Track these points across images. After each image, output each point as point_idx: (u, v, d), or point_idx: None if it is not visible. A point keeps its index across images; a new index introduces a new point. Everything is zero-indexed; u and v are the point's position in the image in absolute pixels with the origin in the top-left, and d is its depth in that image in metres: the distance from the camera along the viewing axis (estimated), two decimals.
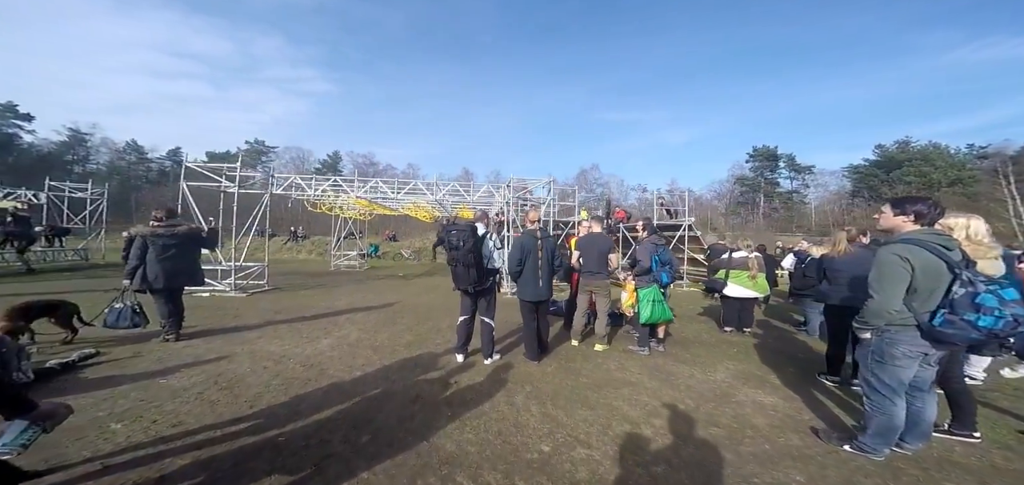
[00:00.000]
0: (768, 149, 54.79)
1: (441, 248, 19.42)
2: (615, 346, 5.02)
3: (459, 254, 3.88)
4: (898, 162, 38.83)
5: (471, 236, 3.88)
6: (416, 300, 8.33)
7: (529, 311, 4.23)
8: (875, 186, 39.50)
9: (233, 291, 8.24)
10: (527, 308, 4.22)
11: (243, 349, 4.50)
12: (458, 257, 3.89)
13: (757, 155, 54.75)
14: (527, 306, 4.21)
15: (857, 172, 43.51)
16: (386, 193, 10.83)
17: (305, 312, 6.70)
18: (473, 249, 3.87)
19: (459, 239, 3.88)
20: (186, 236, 4.54)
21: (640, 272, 4.48)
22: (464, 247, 3.85)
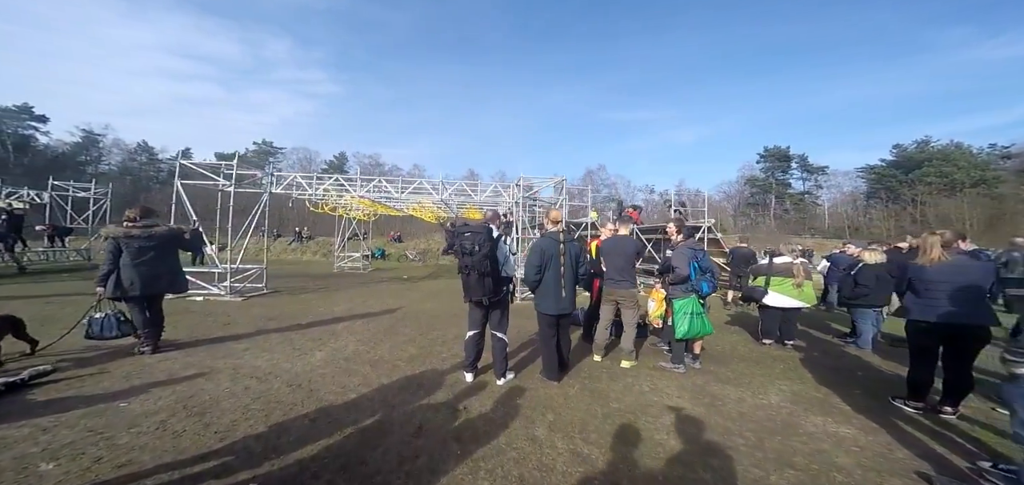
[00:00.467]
0: (780, 149, 53.72)
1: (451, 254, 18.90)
2: (643, 362, 4.43)
3: (473, 260, 3.33)
4: (917, 162, 37.58)
5: (487, 240, 3.35)
6: (420, 306, 7.81)
7: (549, 325, 3.67)
8: (893, 187, 38.27)
9: (229, 295, 7.80)
10: (547, 322, 3.66)
11: (226, 364, 4.00)
12: (472, 264, 3.35)
13: (768, 155, 53.71)
14: (547, 319, 3.65)
15: (873, 173, 42.27)
16: (390, 192, 10.35)
17: (301, 319, 6.20)
18: (489, 255, 3.34)
19: (473, 243, 3.35)
20: (165, 238, 4.05)
21: (676, 280, 3.90)
22: (479, 252, 3.32)
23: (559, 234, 3.62)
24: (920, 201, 34.98)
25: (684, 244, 4.04)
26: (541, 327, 3.71)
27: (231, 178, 8.05)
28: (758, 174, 53.81)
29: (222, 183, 8.19)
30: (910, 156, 39.38)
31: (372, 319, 6.36)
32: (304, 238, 27.93)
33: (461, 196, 11.24)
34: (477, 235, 3.37)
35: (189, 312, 6.37)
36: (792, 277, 4.94)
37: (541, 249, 3.55)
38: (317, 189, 9.91)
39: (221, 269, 7.85)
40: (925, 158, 37.28)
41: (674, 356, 4.11)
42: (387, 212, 15.24)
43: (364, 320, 6.27)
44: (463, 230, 3.47)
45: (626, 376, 4.04)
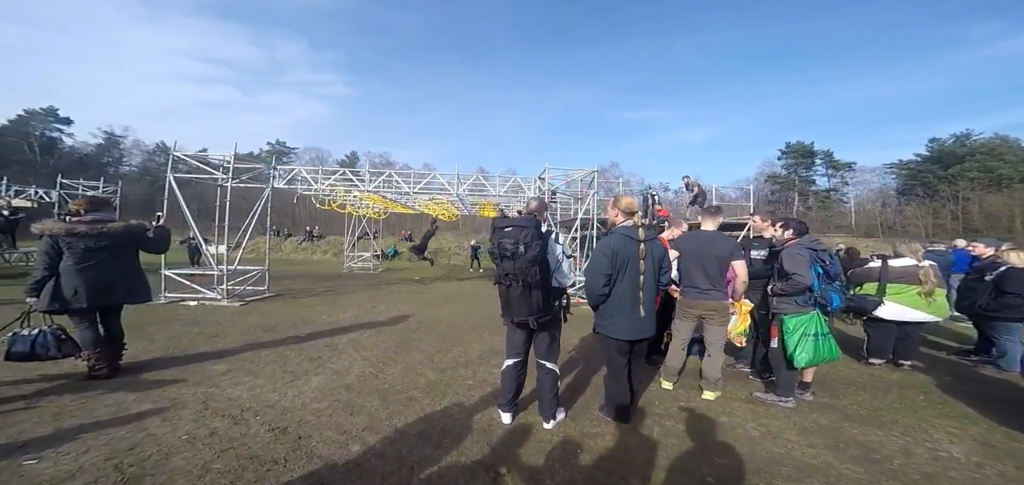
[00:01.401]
0: (802, 145, 51.56)
1: (477, 255, 18.14)
2: (729, 391, 3.42)
3: (517, 265, 2.38)
4: (958, 156, 35.17)
5: (535, 238, 2.40)
6: (435, 312, 6.91)
7: (621, 352, 2.68)
8: (931, 183, 35.94)
9: (226, 300, 7.04)
10: (617, 349, 2.67)
11: (195, 394, 3.14)
12: (515, 271, 2.40)
13: (790, 152, 51.58)
14: (618, 346, 2.66)
15: (907, 169, 39.91)
16: (400, 187, 9.50)
17: (300, 329, 5.36)
18: (537, 258, 2.39)
19: (516, 242, 2.39)
20: (120, 236, 3.20)
21: (794, 291, 2.87)
22: (525, 255, 2.36)
23: (636, 230, 2.55)
24: (962, 197, 32.68)
25: (797, 243, 3.01)
26: (609, 355, 2.72)
27: (229, 172, 7.28)
28: (779, 171, 51.72)
29: (220, 178, 7.45)
30: (949, 150, 36.94)
31: (381, 330, 5.48)
32: (315, 237, 27.48)
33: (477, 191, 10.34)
34: (521, 232, 2.41)
35: (176, 320, 5.60)
36: (917, 284, 3.84)
37: (613, 250, 2.51)
38: (323, 184, 9.12)
39: (218, 271, 7.09)
40: (966, 152, 34.88)
41: (780, 386, 3.10)
42: (398, 210, 14.45)
43: (372, 331, 5.39)
44: (502, 225, 2.51)
45: (716, 412, 3.05)
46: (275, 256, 24.85)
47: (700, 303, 3.14)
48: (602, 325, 2.65)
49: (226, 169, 7.32)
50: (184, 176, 7.85)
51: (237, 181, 8.36)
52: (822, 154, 50.44)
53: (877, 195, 44.61)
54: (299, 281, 11.24)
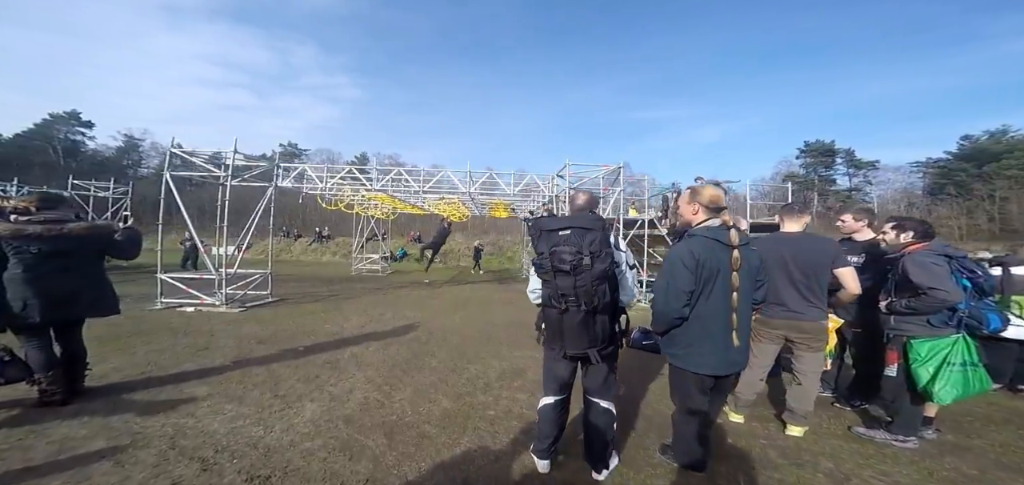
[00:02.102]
0: (822, 144, 49.95)
1: (478, 259, 17.54)
2: (820, 425, 2.75)
3: (580, 283, 1.73)
4: (993, 154, 33.33)
5: (604, 242, 1.77)
6: (446, 321, 6.33)
7: (702, 391, 2.02)
8: (963, 182, 34.13)
9: (224, 305, 6.58)
10: (697, 386, 2.01)
11: (164, 426, 2.60)
12: (577, 291, 1.76)
13: (810, 150, 50.00)
14: (699, 382, 2.00)
15: (937, 167, 38.07)
16: (410, 185, 8.99)
17: (299, 341, 4.83)
18: (608, 273, 1.77)
19: (579, 250, 1.74)
20: (81, 239, 2.69)
21: (928, 309, 2.20)
22: (592, 268, 1.72)
23: (727, 231, 1.86)
24: (1000, 197, 30.89)
25: (924, 249, 2.32)
26: (685, 393, 2.05)
27: (229, 170, 6.84)
28: (798, 170, 50.12)
29: (221, 176, 7.01)
30: (983, 148, 35.07)
31: (388, 342, 4.92)
32: (324, 239, 27.31)
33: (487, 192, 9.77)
34: (585, 236, 1.75)
35: (165, 330, 5.13)
36: None
37: (696, 259, 1.82)
38: (328, 182, 8.66)
39: (216, 275, 6.64)
40: (1004, 149, 33.01)
41: (900, 423, 2.45)
42: (407, 210, 13.98)
43: (378, 344, 4.83)
44: (554, 227, 1.84)
45: (814, 454, 2.42)
46: (285, 258, 24.75)
47: (788, 324, 2.47)
48: (677, 356, 1.98)
49: (226, 166, 6.89)
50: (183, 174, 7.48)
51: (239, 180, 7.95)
52: (843, 152, 48.72)
53: (902, 195, 42.82)
54: (305, 284, 10.81)
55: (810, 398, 2.55)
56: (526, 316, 6.94)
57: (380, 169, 8.73)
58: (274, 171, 7.98)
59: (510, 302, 8.53)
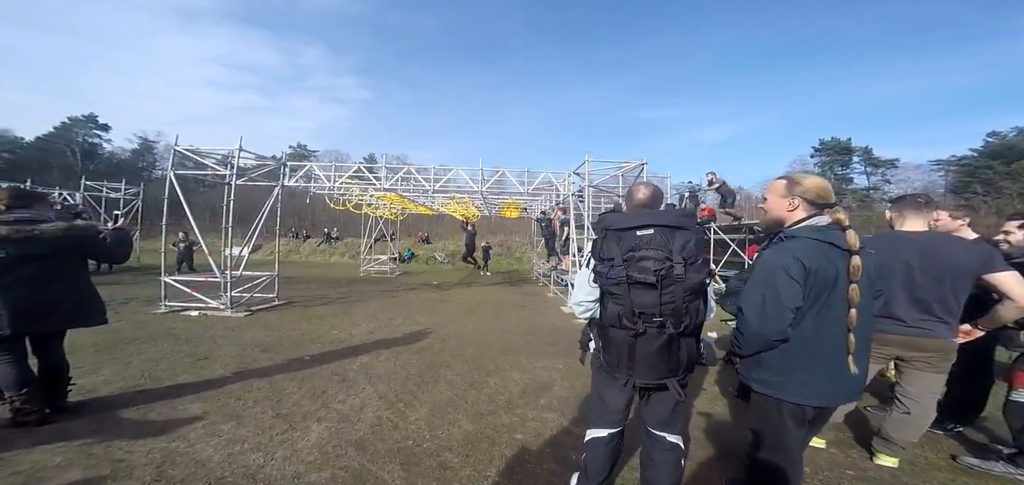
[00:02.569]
0: (838, 142, 48.67)
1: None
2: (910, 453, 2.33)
3: (667, 298, 1.38)
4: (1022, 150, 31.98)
5: (697, 246, 1.41)
6: (459, 327, 5.99)
7: (799, 424, 1.60)
8: (991, 180, 32.76)
9: (230, 309, 6.33)
10: (794, 418, 1.59)
11: (151, 452, 2.30)
12: (663, 308, 1.39)
13: (825, 149, 48.73)
14: (796, 414, 1.58)
15: (963, 165, 36.66)
16: (419, 183, 8.68)
17: (305, 349, 4.53)
18: (703, 286, 1.41)
19: (668, 255, 1.38)
20: (60, 240, 2.39)
21: None
22: (685, 279, 1.36)
23: (845, 234, 1.45)
24: None
25: None
26: (777, 428, 1.62)
27: (234, 168, 6.59)
28: (812, 169, 48.96)
29: (227, 175, 6.77)
30: (1012, 144, 33.67)
31: (400, 352, 4.59)
32: (333, 239, 27.28)
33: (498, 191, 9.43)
34: (676, 236, 1.40)
35: (166, 336, 4.87)
36: None
37: (806, 267, 1.42)
38: (336, 182, 8.39)
39: (221, 278, 6.39)
40: None
41: None
42: (416, 210, 13.72)
43: (389, 353, 4.50)
44: (630, 225, 1.46)
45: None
46: (294, 259, 24.73)
47: (905, 341, 2.02)
48: (768, 382, 1.57)
49: (231, 165, 6.64)
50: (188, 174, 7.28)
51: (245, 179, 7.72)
52: (860, 151, 47.37)
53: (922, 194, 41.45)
54: (313, 286, 10.58)
55: (920, 428, 2.14)
56: (541, 321, 6.57)
57: (388, 168, 8.43)
58: (281, 171, 7.74)
59: (523, 305, 8.18)
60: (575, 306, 1.75)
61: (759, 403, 1.62)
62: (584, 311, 1.72)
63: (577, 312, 1.75)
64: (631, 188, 1.76)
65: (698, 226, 9.29)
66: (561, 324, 6.37)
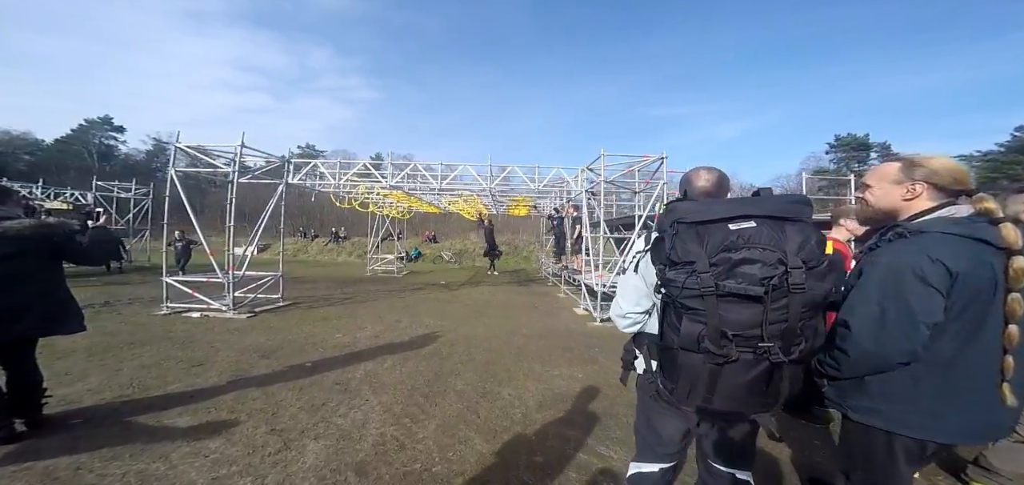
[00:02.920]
0: (855, 137, 47.43)
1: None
2: None
3: (783, 313, 1.00)
4: None
5: (817, 245, 1.02)
6: (469, 330, 5.69)
7: (912, 462, 1.24)
8: (1019, 176, 31.43)
9: (232, 311, 6.14)
10: (907, 456, 1.22)
11: (124, 475, 2.04)
12: (770, 328, 1.01)
13: (841, 144, 47.48)
14: (912, 451, 1.22)
15: (988, 160, 35.29)
16: (426, 180, 8.42)
17: (307, 354, 4.28)
18: (828, 298, 1.04)
19: (781, 257, 0.99)
20: (29, 240, 2.15)
21: None
22: (808, 290, 0.99)
23: (999, 229, 1.07)
24: None
25: None
26: (884, 469, 1.26)
27: (235, 165, 6.40)
28: (827, 165, 47.70)
29: (229, 172, 6.57)
30: None
31: (406, 357, 4.31)
32: (340, 239, 27.28)
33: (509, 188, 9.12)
34: (786, 229, 1.04)
35: (164, 339, 4.67)
36: None
37: (946, 269, 1.06)
38: (341, 179, 8.17)
39: (223, 279, 6.19)
40: None
41: None
42: (423, 208, 13.50)
43: (395, 359, 4.23)
44: (711, 215, 1.09)
45: None
46: (302, 258, 24.75)
47: None
48: (881, 414, 1.21)
49: (234, 163, 6.45)
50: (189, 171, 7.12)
51: (249, 177, 7.55)
52: (878, 147, 46.00)
53: None
54: (319, 286, 10.41)
55: None
56: (554, 323, 6.25)
57: (395, 165, 8.18)
58: (285, 168, 7.54)
59: (534, 307, 7.86)
60: (617, 318, 1.42)
61: (858, 436, 1.28)
62: (629, 325, 1.40)
63: (619, 325, 1.43)
64: (688, 174, 1.42)
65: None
66: (575, 327, 6.04)
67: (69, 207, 15.93)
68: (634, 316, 1.36)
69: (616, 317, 1.43)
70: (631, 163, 6.42)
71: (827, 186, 48.52)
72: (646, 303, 1.35)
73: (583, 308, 7.23)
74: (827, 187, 48.70)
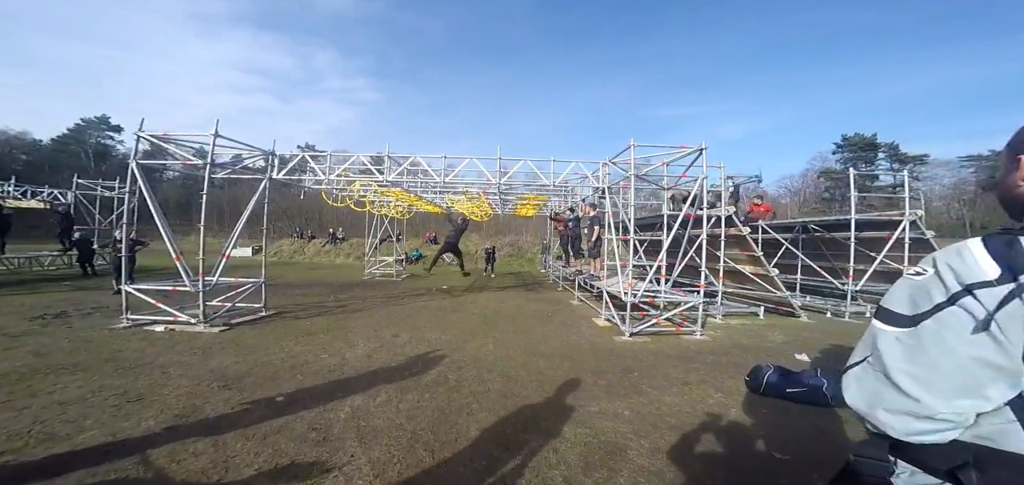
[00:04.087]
0: (862, 137, 46.91)
1: None
2: None
3: None
4: None
5: None
6: (478, 348, 4.86)
7: None
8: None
9: (203, 324, 5.29)
10: None
11: None
12: None
13: (848, 144, 46.92)
14: None
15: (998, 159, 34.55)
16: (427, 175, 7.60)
17: (281, 384, 3.45)
18: None
19: None
20: None
21: None
22: None
23: None
24: None
25: None
26: None
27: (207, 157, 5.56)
28: (834, 166, 47.07)
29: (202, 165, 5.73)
30: None
31: (404, 387, 3.47)
32: (338, 240, 26.46)
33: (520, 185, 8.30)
34: None
35: (108, 361, 3.83)
36: None
37: None
38: (332, 174, 7.35)
39: (191, 287, 5.34)
40: None
41: None
42: (424, 208, 12.68)
43: (391, 388, 3.39)
44: None
45: None
46: (298, 260, 23.92)
47: None
48: None
49: (204, 153, 5.61)
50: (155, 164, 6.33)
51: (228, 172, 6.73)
52: (886, 147, 45.35)
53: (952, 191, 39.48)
54: (311, 291, 9.57)
55: None
56: (576, 339, 5.38)
57: (392, 158, 7.34)
58: (269, 163, 6.72)
59: (547, 316, 7.01)
60: (907, 420, 0.61)
61: None
62: (934, 434, 0.59)
63: (903, 431, 0.61)
64: None
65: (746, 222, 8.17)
66: (601, 343, 5.20)
67: (46, 206, 15.13)
68: (954, 420, 0.55)
69: (900, 417, 0.61)
70: (664, 155, 5.59)
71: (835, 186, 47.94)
72: (994, 393, 0.54)
73: (605, 319, 6.39)
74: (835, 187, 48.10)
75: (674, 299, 5.90)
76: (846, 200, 32.90)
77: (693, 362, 4.38)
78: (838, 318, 7.16)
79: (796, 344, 5.27)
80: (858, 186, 35.40)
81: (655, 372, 4.01)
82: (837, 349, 5.05)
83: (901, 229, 7.00)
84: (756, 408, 3.19)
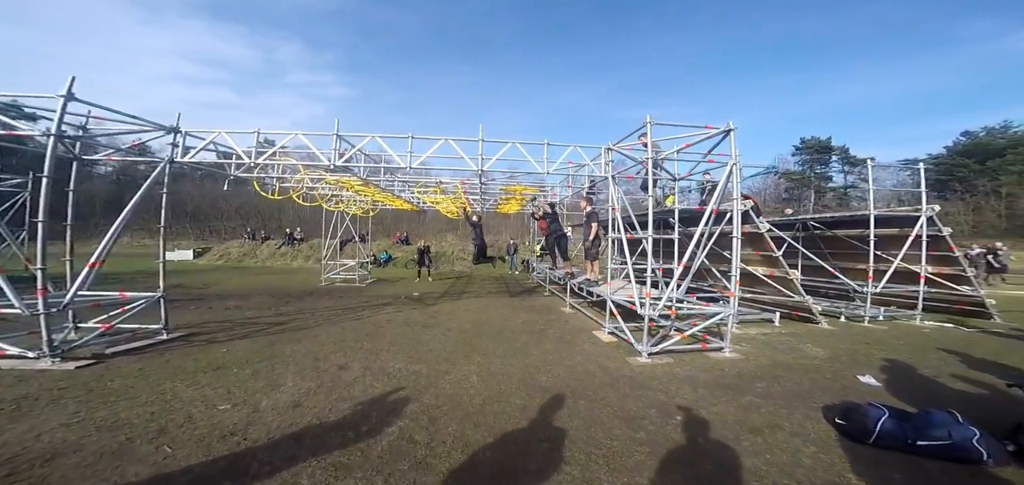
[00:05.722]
0: (818, 141, 49.87)
1: None
2: None
3: None
4: (996, 149, 32.82)
5: None
6: (457, 381, 3.59)
7: None
8: (966, 178, 33.54)
9: (49, 358, 3.62)
10: None
11: None
12: None
13: (807, 147, 49.69)
14: None
15: (938, 163, 37.57)
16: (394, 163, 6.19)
17: (124, 470, 2.01)
18: None
19: None
20: None
21: None
22: None
23: None
24: (1006, 193, 30.27)
25: None
26: None
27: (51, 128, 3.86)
28: (793, 168, 49.88)
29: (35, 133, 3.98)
30: (983, 144, 34.64)
31: (340, 465, 2.15)
32: (296, 241, 23.92)
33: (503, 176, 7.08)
34: None
35: None
36: None
37: None
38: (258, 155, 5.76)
39: (21, 309, 3.63)
40: (1008, 144, 32.52)
41: None
42: (389, 203, 11.13)
43: (318, 468, 2.06)
44: None
45: None
46: (248, 264, 21.24)
47: None
48: None
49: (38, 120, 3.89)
50: None
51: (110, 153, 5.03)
52: (838, 150, 48.41)
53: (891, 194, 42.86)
54: (248, 303, 7.83)
55: None
56: (581, 362, 4.04)
57: (343, 139, 5.85)
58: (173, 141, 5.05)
59: (541, 331, 5.80)
60: None
61: None
62: None
63: None
64: None
65: None
66: (615, 369, 4.06)
67: None
68: None
69: None
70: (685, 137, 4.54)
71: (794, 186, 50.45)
72: None
73: (609, 332, 5.31)
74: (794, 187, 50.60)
75: (691, 310, 4.90)
76: (804, 200, 34.20)
77: (743, 393, 3.35)
78: (857, 322, 6.50)
79: (843, 360, 4.41)
80: (816, 188, 36.90)
81: (702, 412, 2.93)
82: (897, 365, 4.22)
83: (919, 225, 6.46)
84: (877, 467, 2.18)
